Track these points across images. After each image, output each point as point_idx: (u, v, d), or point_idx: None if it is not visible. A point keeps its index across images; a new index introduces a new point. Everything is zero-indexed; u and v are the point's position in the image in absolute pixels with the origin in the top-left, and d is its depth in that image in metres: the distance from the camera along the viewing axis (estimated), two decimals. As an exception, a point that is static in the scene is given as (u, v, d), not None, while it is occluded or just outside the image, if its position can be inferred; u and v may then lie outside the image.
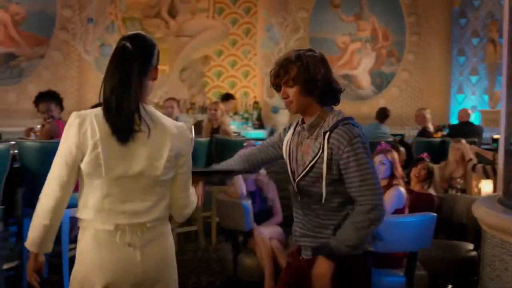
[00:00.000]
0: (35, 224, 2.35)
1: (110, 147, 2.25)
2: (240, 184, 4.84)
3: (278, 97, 11.01)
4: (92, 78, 10.95)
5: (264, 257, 4.64)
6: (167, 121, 2.38)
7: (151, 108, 2.35)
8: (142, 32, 2.44)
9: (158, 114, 2.36)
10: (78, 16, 10.69)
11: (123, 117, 2.24)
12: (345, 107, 10.76)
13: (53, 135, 5.50)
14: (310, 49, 2.71)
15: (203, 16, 12.48)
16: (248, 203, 4.75)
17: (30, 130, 5.93)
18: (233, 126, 9.67)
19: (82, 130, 2.24)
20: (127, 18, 11.41)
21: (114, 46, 8.07)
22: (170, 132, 2.34)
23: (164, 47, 11.97)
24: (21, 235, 5.21)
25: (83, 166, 2.25)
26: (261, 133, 10.74)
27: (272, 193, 5.09)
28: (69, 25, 10.78)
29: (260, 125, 11.25)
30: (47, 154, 5.03)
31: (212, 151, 6.77)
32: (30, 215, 5.00)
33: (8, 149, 4.42)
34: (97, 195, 2.27)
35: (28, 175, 5.00)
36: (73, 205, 2.38)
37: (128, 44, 2.31)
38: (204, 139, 6.66)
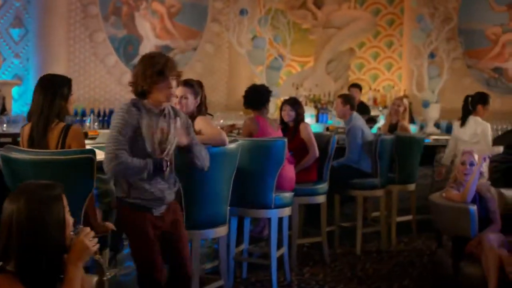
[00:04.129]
0: None
1: None
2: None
3: (428, 91, 10.61)
4: (242, 71, 10.89)
5: (491, 266, 4.32)
6: None
7: None
8: None
9: None
10: (230, 7, 10.63)
11: None
12: (496, 101, 10.20)
13: (252, 132, 5.26)
14: None
15: (346, 6, 12.18)
16: (474, 208, 4.45)
17: (232, 126, 5.75)
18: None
19: None
20: (277, 9, 11.26)
21: (267, 39, 7.86)
22: None
23: (311, 39, 11.76)
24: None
25: None
26: (413, 128, 10.30)
27: (493, 201, 4.74)
28: (221, 17, 10.75)
29: (410, 120, 10.79)
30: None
31: (393, 148, 6.51)
32: (238, 213, 4.97)
33: (237, 150, 4.27)
34: None
35: (238, 175, 4.88)
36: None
37: None
38: (388, 136, 6.39)
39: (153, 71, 3.34)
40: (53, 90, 3.59)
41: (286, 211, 5.02)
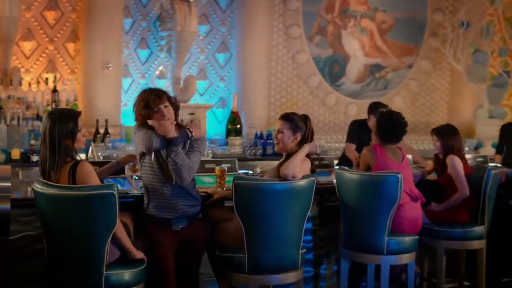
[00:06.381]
0: None
1: None
2: None
3: None
4: (463, 89, 9.83)
5: None
6: None
7: None
8: None
9: None
10: (449, 20, 9.68)
11: None
12: None
13: (370, 163, 4.53)
14: None
15: None
16: None
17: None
18: None
19: None
20: (508, 18, 9.94)
21: (489, 53, 6.77)
22: None
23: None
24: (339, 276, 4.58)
25: None
26: None
27: None
28: (440, 30, 9.84)
29: None
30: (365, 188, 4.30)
31: None
32: (348, 257, 4.39)
33: (309, 187, 3.74)
34: None
35: (347, 213, 4.33)
36: None
37: None
38: None
39: (141, 107, 3.68)
40: (59, 130, 3.46)
41: (405, 258, 4.31)
